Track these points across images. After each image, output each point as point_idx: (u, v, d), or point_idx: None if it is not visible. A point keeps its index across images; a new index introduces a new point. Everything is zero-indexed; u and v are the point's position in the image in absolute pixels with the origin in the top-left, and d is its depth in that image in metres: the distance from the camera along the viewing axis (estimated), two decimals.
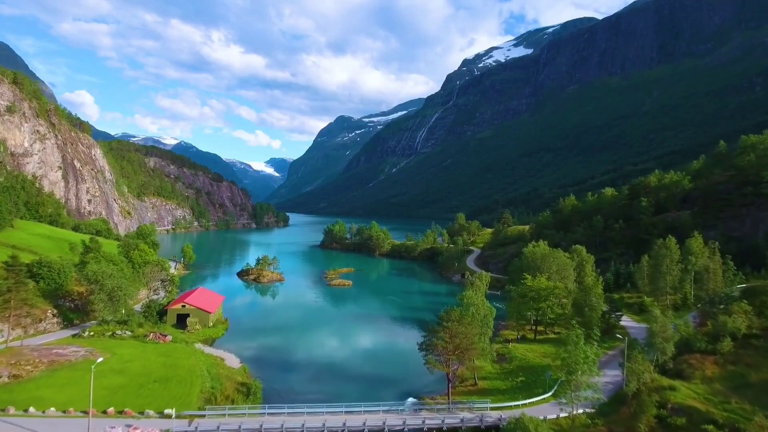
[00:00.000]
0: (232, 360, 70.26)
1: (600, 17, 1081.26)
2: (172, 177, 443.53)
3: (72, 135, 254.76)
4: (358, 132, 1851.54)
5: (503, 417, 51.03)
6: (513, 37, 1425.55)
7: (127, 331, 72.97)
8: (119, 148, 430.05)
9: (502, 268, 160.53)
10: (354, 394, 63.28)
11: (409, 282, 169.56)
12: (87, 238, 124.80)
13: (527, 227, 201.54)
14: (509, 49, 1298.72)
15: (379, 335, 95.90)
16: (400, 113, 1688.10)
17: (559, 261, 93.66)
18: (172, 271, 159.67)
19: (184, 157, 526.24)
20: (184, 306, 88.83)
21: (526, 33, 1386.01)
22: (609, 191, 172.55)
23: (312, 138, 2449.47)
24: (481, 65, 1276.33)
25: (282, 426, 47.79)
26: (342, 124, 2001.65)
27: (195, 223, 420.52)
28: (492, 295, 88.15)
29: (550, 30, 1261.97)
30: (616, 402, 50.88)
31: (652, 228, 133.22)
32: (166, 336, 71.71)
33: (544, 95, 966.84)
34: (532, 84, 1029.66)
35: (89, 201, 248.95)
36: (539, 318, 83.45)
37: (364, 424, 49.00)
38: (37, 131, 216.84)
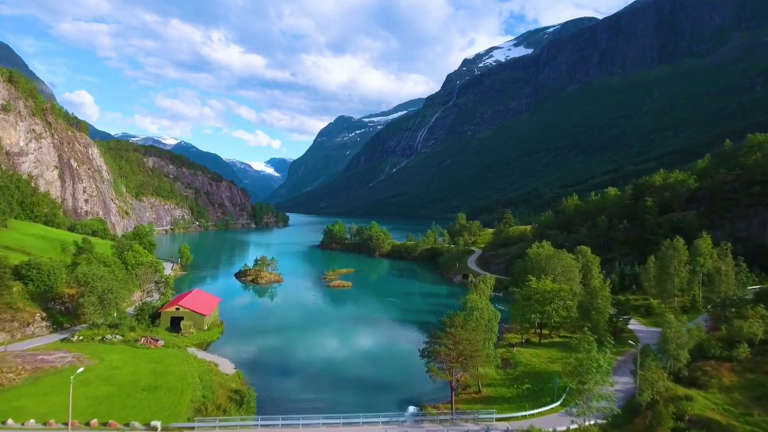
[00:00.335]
0: (226, 365, 67.57)
1: (600, 17, 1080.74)
2: (171, 177, 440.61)
3: (68, 134, 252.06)
4: (358, 132, 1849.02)
5: (510, 429, 48.43)
6: (513, 37, 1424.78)
7: (118, 336, 70.19)
8: (118, 147, 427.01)
9: (503, 268, 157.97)
10: (353, 401, 60.75)
11: (410, 283, 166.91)
12: (80, 238, 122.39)
13: (529, 227, 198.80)
14: (509, 49, 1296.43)
15: (379, 338, 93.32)
16: (400, 113, 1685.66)
17: (564, 262, 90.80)
18: (168, 272, 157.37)
19: (183, 157, 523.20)
20: (178, 309, 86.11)
21: (526, 33, 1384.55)
22: (612, 191, 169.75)
23: (312, 138, 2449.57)
24: (482, 65, 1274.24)
25: None
26: (342, 124, 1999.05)
27: (194, 223, 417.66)
28: (494, 297, 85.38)
29: (550, 30, 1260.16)
30: (629, 412, 48.14)
31: (657, 228, 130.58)
32: (157, 341, 68.98)
33: (544, 95, 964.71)
34: (532, 84, 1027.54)
35: (86, 201, 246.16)
36: (544, 321, 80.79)
37: None
38: (33, 130, 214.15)
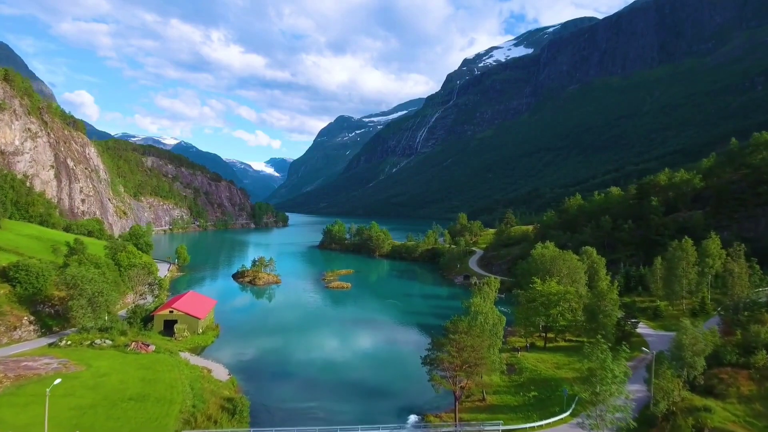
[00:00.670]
0: (219, 371, 65.06)
1: (600, 17, 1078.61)
2: (169, 176, 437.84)
3: (65, 133, 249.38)
4: (358, 132, 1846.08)
5: None
6: (513, 37, 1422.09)
7: (107, 340, 67.56)
8: (116, 147, 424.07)
9: (506, 269, 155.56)
10: (351, 408, 58.32)
11: (410, 284, 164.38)
12: (72, 238, 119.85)
13: (531, 227, 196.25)
14: (509, 49, 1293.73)
15: (379, 342, 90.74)
16: (400, 113, 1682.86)
17: (570, 264, 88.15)
18: (165, 273, 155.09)
19: (182, 157, 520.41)
20: (171, 311, 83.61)
21: (526, 33, 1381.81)
22: (615, 190, 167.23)
23: (312, 138, 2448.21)
24: (482, 65, 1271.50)
25: None
26: (342, 124, 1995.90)
27: (193, 224, 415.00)
28: (497, 299, 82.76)
29: (550, 30, 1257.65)
30: (643, 424, 45.59)
31: (663, 228, 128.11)
32: (148, 345, 66.39)
33: (544, 95, 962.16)
34: (532, 84, 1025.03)
35: (83, 201, 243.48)
36: (549, 325, 78.29)
37: None
38: (29, 129, 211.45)
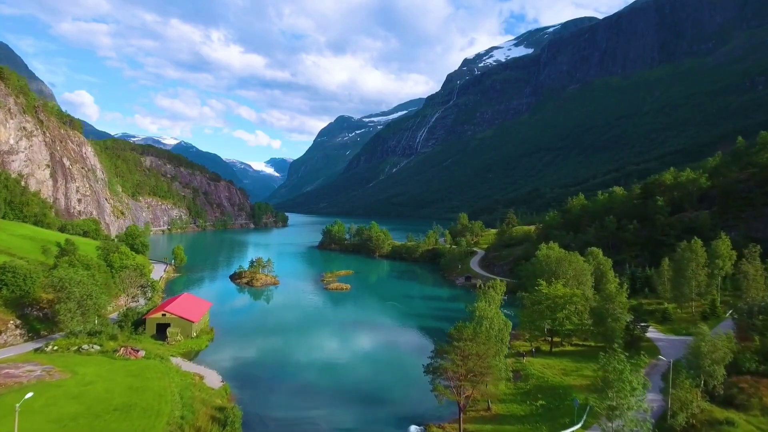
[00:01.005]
0: (212, 378, 62.28)
1: (600, 17, 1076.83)
2: (168, 176, 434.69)
3: (61, 132, 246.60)
4: (358, 132, 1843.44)
5: None
6: (513, 37, 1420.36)
7: (96, 345, 64.75)
8: (115, 147, 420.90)
9: (508, 270, 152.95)
10: (349, 418, 55.65)
11: (410, 285, 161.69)
12: (70, 239, 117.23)
13: (533, 228, 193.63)
14: (510, 49, 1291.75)
15: (379, 346, 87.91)
16: (400, 113, 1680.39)
17: (576, 265, 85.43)
18: (161, 274, 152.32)
19: (181, 157, 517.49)
20: (164, 315, 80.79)
21: (526, 33, 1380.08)
22: (619, 190, 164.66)
23: (312, 138, 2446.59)
24: (482, 65, 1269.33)
25: None
26: (342, 124, 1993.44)
27: (192, 224, 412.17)
28: (502, 302, 79.93)
29: (550, 29, 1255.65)
30: None
31: (668, 229, 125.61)
32: (138, 351, 63.61)
33: (544, 95, 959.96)
34: (532, 84, 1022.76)
35: (79, 200, 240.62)
36: (555, 329, 75.59)
37: None
38: (24, 128, 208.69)
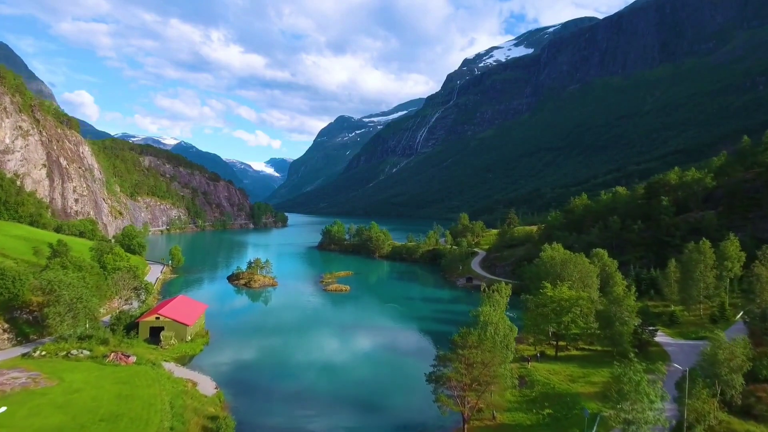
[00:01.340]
0: (206, 384, 59.96)
1: (601, 17, 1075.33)
2: (167, 176, 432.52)
3: (58, 131, 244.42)
4: (358, 132, 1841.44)
5: None
6: (513, 37, 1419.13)
7: (85, 350, 62.45)
8: (113, 146, 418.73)
9: (510, 271, 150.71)
10: (348, 426, 53.38)
11: (411, 287, 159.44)
12: (65, 239, 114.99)
13: (534, 228, 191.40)
14: (510, 49, 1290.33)
15: (379, 351, 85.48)
16: (400, 113, 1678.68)
17: (582, 267, 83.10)
18: (158, 275, 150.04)
19: (180, 156, 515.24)
20: (158, 318, 78.53)
21: (526, 33, 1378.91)
22: (622, 190, 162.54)
23: (312, 138, 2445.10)
24: (482, 65, 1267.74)
25: None
26: (342, 124, 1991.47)
27: (191, 224, 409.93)
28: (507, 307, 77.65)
29: (550, 29, 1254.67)
30: None
31: (674, 229, 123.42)
32: (128, 356, 61.30)
33: (544, 95, 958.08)
34: (532, 84, 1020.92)
35: (76, 200, 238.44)
36: (561, 332, 73.33)
37: None
38: (20, 127, 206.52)
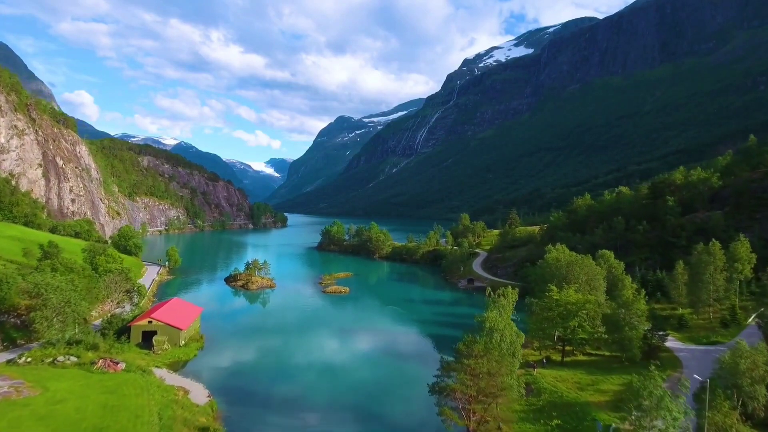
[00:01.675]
0: (198, 392, 57.38)
1: (601, 17, 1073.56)
2: (166, 176, 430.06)
3: (54, 131, 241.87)
4: (358, 132, 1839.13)
5: None
6: (513, 37, 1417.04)
7: (72, 357, 59.83)
8: (112, 146, 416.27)
9: (512, 272, 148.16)
10: None
11: (411, 288, 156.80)
12: (60, 240, 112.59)
13: (536, 228, 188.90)
14: (510, 49, 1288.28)
15: (379, 356, 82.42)
16: (400, 113, 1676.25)
17: (589, 269, 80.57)
18: (154, 277, 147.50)
19: (179, 156, 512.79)
20: (150, 321, 75.98)
21: (526, 33, 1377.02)
22: (626, 190, 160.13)
23: (312, 138, 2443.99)
24: (482, 65, 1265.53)
25: None
26: (342, 124, 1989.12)
27: (189, 224, 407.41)
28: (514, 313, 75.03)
29: (550, 29, 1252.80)
30: None
31: (680, 230, 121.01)
32: (117, 363, 58.69)
33: (545, 95, 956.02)
34: (532, 84, 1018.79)
35: (73, 200, 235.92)
36: (567, 337, 70.82)
37: None
38: (15, 126, 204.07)
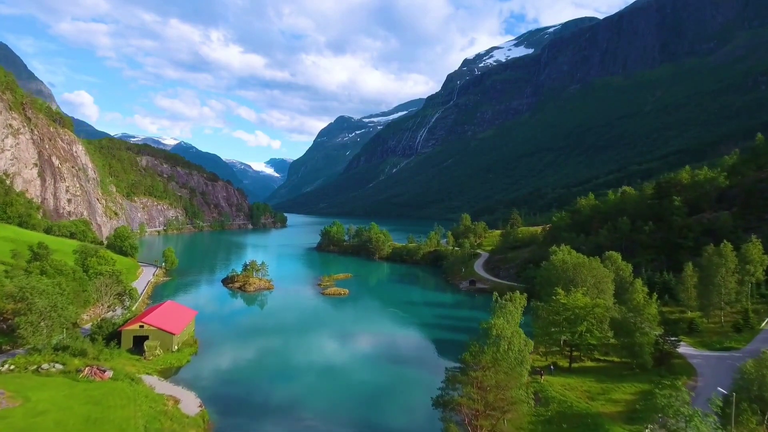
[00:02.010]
0: (189, 401, 54.56)
1: (601, 17, 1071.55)
2: (165, 176, 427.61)
3: (50, 130, 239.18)
4: (358, 132, 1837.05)
5: None
6: (513, 37, 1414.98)
7: (58, 364, 57.06)
8: (110, 146, 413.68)
9: (514, 274, 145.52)
10: None
11: (412, 290, 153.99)
12: (57, 241, 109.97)
13: (539, 229, 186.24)
14: (510, 49, 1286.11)
15: (379, 362, 79.29)
16: (400, 113, 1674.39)
17: (597, 272, 77.68)
18: (150, 278, 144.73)
19: (177, 156, 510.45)
20: (142, 326, 73.26)
21: (526, 33, 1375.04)
22: (631, 190, 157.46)
23: (312, 138, 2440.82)
24: (482, 65, 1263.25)
25: None
26: (342, 124, 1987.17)
27: (188, 224, 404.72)
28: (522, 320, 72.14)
29: (550, 30, 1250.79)
30: None
31: (686, 231, 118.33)
32: (104, 371, 55.88)
33: (545, 95, 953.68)
34: (533, 84, 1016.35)
35: (69, 201, 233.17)
36: (575, 342, 68.09)
37: None
38: (10, 125, 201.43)
